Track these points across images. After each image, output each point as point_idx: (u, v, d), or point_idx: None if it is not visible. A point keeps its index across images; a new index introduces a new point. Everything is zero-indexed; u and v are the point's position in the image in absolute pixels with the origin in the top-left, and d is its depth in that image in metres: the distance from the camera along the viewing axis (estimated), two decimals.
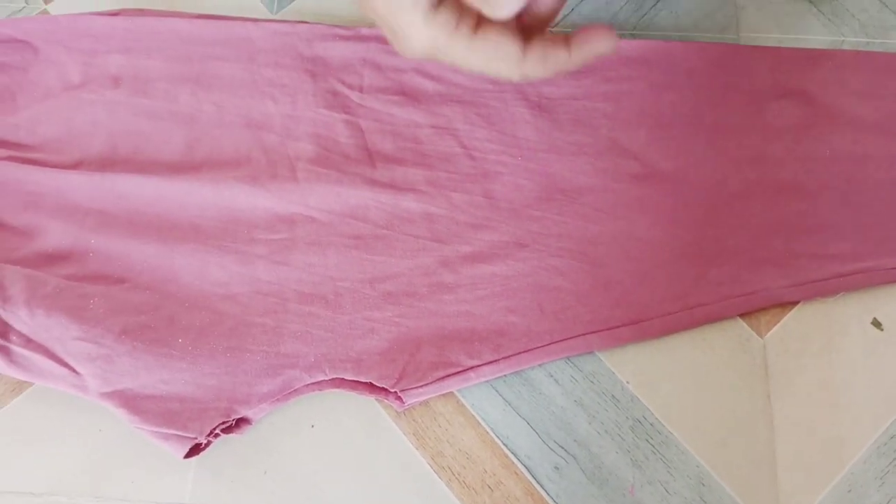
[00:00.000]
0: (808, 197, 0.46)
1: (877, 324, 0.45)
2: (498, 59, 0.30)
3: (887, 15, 0.52)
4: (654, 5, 0.53)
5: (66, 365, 0.41)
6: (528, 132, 0.48)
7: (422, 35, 0.29)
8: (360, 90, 0.49)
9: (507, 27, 0.29)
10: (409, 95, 0.49)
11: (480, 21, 0.29)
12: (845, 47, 0.51)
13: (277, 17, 0.53)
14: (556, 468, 0.41)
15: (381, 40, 0.50)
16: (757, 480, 0.41)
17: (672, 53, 0.50)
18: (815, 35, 0.51)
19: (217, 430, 0.41)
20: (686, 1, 0.53)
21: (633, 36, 0.51)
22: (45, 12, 0.53)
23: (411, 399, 0.42)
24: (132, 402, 0.41)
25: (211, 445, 0.41)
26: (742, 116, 0.48)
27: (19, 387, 0.43)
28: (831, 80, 0.49)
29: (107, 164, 0.47)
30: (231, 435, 0.41)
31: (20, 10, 0.53)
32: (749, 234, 0.45)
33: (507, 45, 0.30)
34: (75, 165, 0.47)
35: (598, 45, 0.30)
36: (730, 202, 0.46)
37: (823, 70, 0.49)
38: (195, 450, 0.41)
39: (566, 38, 0.30)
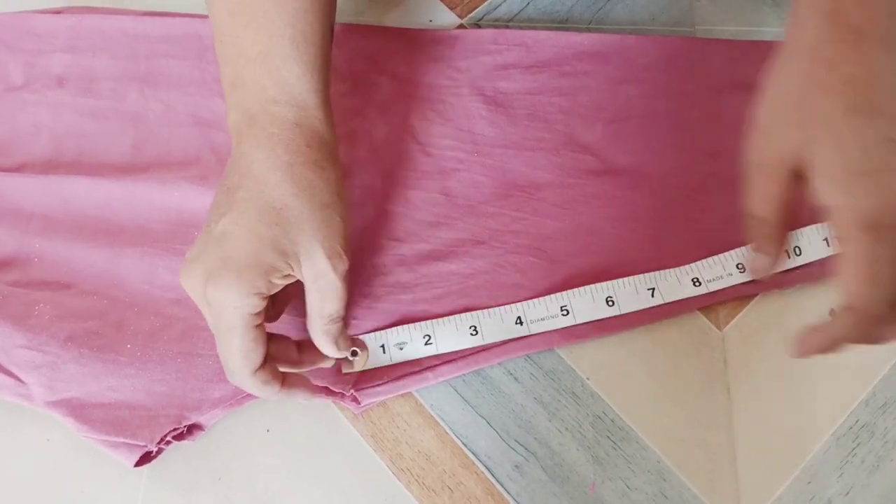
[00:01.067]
0: None
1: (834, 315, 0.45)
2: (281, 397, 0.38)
3: None
4: None
5: (10, 374, 0.40)
6: (484, 128, 0.47)
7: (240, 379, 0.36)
8: None
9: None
10: (362, 90, 0.48)
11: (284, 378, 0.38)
12: None
13: None
14: (517, 467, 0.41)
15: (335, 35, 0.49)
16: (717, 474, 0.41)
17: (628, 47, 0.50)
18: (771, 27, 0.51)
19: (168, 438, 0.40)
20: None
21: (589, 30, 0.51)
22: None
23: (368, 399, 0.41)
24: (79, 411, 0.39)
25: (163, 453, 0.40)
26: (699, 109, 0.48)
27: None
28: None
29: (51, 166, 0.46)
30: (183, 442, 0.40)
31: None
32: (707, 227, 0.45)
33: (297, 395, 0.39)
34: (18, 168, 0.46)
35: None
36: (688, 196, 0.46)
37: None
38: (146, 458, 0.40)
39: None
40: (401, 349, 0.41)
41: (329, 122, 0.38)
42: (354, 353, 0.40)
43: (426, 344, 0.42)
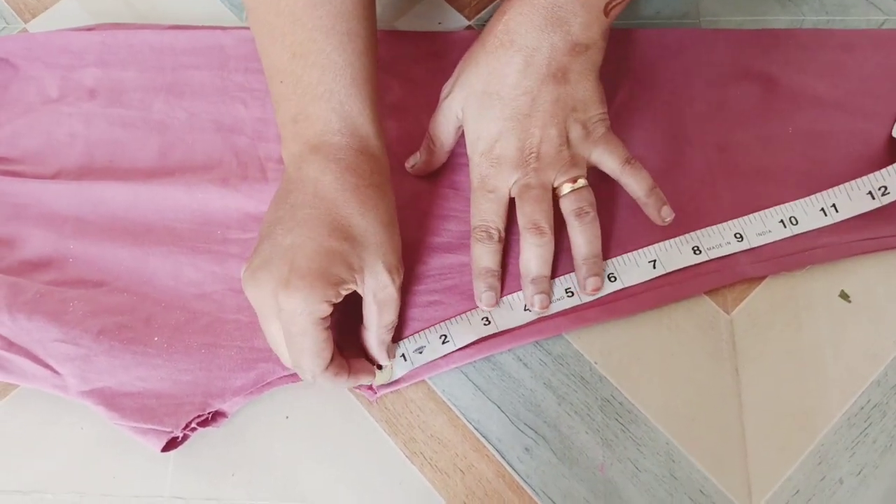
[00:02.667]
0: (772, 178, 0.47)
1: (844, 296, 0.45)
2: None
3: None
4: None
5: (46, 366, 0.43)
6: None
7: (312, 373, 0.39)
8: None
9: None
10: None
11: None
12: (806, 26, 0.51)
13: (247, 24, 0.54)
14: (527, 449, 0.42)
15: None
16: (727, 455, 0.41)
17: (634, 41, 0.51)
18: (775, 16, 0.52)
19: (193, 424, 0.42)
20: None
21: None
22: (24, 31, 0.55)
23: (383, 389, 0.42)
24: (110, 400, 0.42)
25: (188, 439, 0.42)
26: (704, 101, 0.49)
27: (4, 390, 0.44)
28: (792, 59, 0.50)
29: (84, 172, 0.48)
30: (207, 428, 0.42)
31: (1, 30, 0.56)
32: (713, 217, 0.46)
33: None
34: (55, 175, 0.49)
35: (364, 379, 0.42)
36: (693, 187, 0.47)
37: (783, 50, 0.50)
38: (172, 443, 0.42)
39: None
40: (420, 353, 0.43)
41: (384, 149, 0.42)
42: (380, 367, 0.42)
43: (443, 343, 0.43)
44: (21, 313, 0.43)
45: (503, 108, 0.42)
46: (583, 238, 0.42)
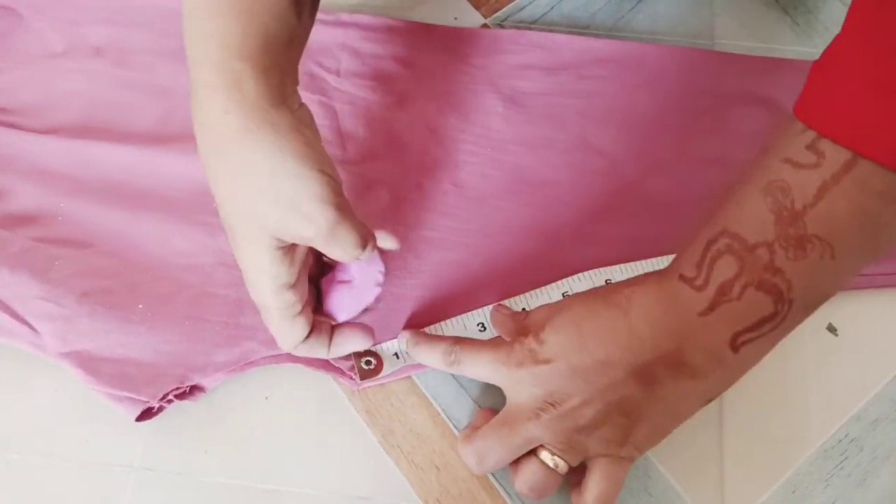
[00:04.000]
0: None
1: (832, 329, 0.45)
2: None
3: None
4: (633, 8, 0.54)
5: (25, 323, 0.42)
6: (499, 124, 0.49)
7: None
8: (338, 74, 0.50)
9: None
10: (384, 81, 0.50)
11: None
12: (816, 58, 0.52)
13: None
14: None
15: (361, 27, 0.51)
16: (703, 475, 0.41)
17: (645, 56, 0.51)
18: (788, 45, 0.52)
19: (170, 396, 0.41)
20: (663, 5, 0.54)
21: (610, 36, 0.52)
22: None
23: (368, 383, 0.42)
24: (88, 363, 0.41)
25: (164, 411, 0.41)
26: (710, 121, 0.49)
27: None
28: (798, 88, 0.50)
29: (82, 131, 0.47)
30: (184, 401, 0.42)
31: None
32: None
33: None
34: (51, 131, 0.47)
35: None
36: (693, 202, 0.47)
37: (790, 78, 0.50)
38: (147, 413, 0.41)
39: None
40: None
41: None
42: (369, 363, 0.42)
43: None
44: (4, 266, 0.42)
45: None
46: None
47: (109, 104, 0.48)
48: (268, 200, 0.34)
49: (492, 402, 0.42)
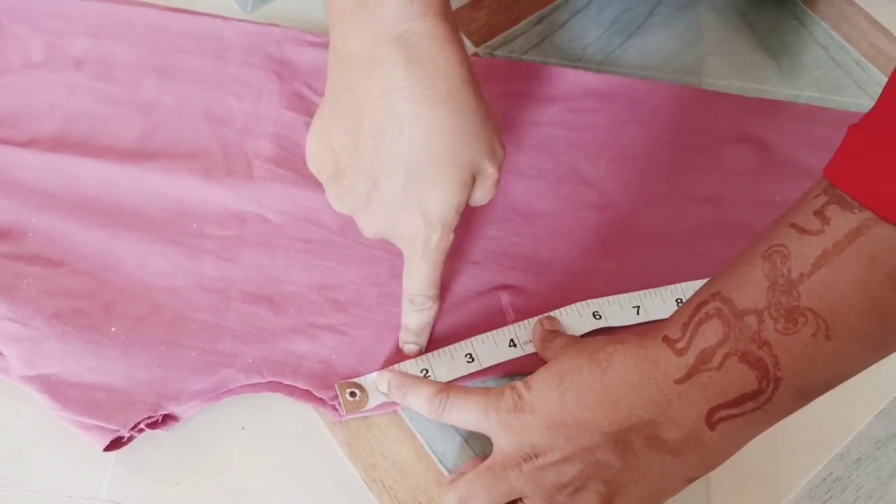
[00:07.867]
0: None
1: None
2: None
3: (840, 74, 0.54)
4: (623, 42, 0.54)
5: None
6: None
7: None
8: None
9: None
10: None
11: None
12: (800, 100, 0.53)
13: (250, 17, 0.52)
14: None
15: None
16: None
17: (637, 90, 0.51)
18: (773, 87, 0.53)
19: (142, 425, 0.39)
20: (654, 41, 0.54)
21: (600, 70, 0.52)
22: None
23: (350, 415, 0.41)
24: (55, 388, 0.39)
25: (134, 440, 0.39)
26: (700, 157, 0.50)
27: None
28: (787, 130, 0.51)
29: (59, 144, 0.46)
30: (156, 431, 0.40)
31: None
32: (701, 270, 0.46)
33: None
34: (27, 144, 0.46)
35: None
36: (683, 238, 0.47)
37: (780, 120, 0.51)
38: (116, 443, 0.39)
39: None
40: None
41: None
42: (353, 395, 0.40)
43: (424, 377, 0.41)
44: None
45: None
46: None
47: (89, 118, 0.47)
48: (472, 138, 0.37)
49: (476, 436, 0.41)
